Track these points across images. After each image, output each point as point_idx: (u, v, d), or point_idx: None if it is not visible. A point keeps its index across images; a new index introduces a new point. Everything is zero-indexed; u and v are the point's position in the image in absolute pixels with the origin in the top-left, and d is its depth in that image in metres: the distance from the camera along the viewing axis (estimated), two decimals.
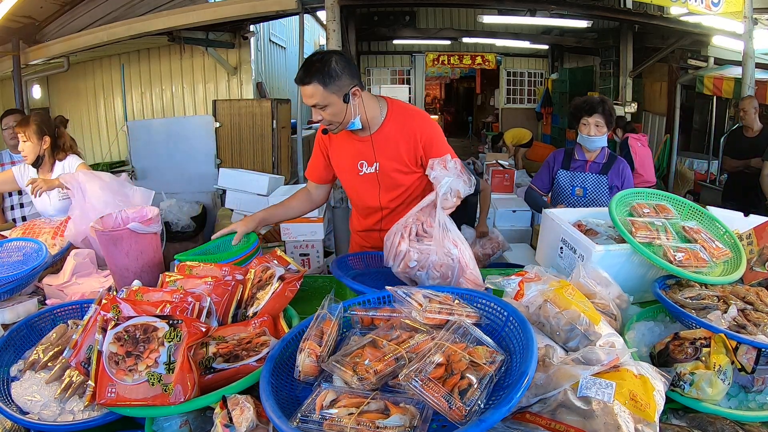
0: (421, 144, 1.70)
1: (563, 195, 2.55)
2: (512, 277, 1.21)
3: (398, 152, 1.71)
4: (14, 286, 1.50)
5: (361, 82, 1.66)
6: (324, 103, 1.57)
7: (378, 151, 1.73)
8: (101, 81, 6.98)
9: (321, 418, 0.79)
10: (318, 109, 1.59)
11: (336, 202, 4.25)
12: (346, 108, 1.60)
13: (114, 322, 0.99)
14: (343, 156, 1.81)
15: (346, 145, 1.78)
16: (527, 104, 10.87)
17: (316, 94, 1.55)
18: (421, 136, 1.69)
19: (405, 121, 1.72)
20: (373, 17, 8.39)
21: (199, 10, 5.12)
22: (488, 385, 0.83)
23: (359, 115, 1.65)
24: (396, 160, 1.73)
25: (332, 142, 1.82)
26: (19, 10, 4.51)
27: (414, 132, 1.70)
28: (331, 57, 1.55)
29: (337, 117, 1.61)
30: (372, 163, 1.75)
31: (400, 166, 1.73)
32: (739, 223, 1.62)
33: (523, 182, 5.84)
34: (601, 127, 2.42)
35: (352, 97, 1.59)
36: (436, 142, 1.71)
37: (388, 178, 1.76)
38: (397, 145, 1.71)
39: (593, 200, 2.48)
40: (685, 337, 1.06)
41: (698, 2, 4.63)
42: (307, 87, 1.55)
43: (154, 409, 0.92)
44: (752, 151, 3.87)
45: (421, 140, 1.70)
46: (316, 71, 1.53)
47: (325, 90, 1.54)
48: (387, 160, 1.73)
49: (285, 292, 1.25)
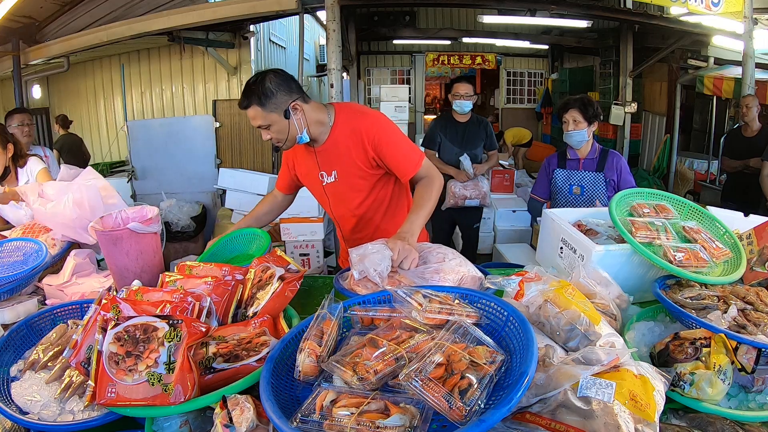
0: (370, 146, 1.68)
1: (561, 194, 2.56)
2: (512, 277, 1.21)
3: (351, 157, 1.70)
4: (14, 286, 1.50)
5: (304, 95, 1.65)
6: (266, 123, 1.59)
7: (332, 160, 1.73)
8: (101, 81, 6.98)
9: (321, 418, 0.79)
10: (263, 129, 1.62)
11: None
12: (288, 124, 1.60)
13: (114, 322, 0.99)
14: (305, 169, 1.83)
15: (306, 158, 1.80)
16: (527, 104, 10.86)
17: (257, 116, 1.58)
18: (368, 138, 1.67)
19: (351, 125, 1.70)
20: (373, 17, 8.39)
21: (199, 10, 5.12)
22: (488, 385, 0.83)
23: (305, 128, 1.65)
24: (351, 166, 1.72)
25: (296, 157, 1.84)
26: (19, 10, 4.51)
27: (360, 134, 1.68)
28: (266, 77, 1.57)
29: (282, 134, 1.62)
30: (330, 172, 1.76)
31: (356, 170, 1.72)
32: (739, 223, 1.62)
33: (523, 182, 5.84)
34: (579, 122, 2.48)
35: (293, 112, 1.60)
36: (385, 141, 1.68)
37: (349, 184, 1.76)
38: (348, 150, 1.70)
39: (591, 197, 2.50)
40: (685, 337, 1.06)
41: (698, 2, 4.63)
42: (249, 110, 1.58)
43: (154, 409, 0.92)
44: (751, 150, 3.87)
45: (369, 142, 1.67)
46: (252, 93, 1.56)
47: (264, 110, 1.57)
48: (343, 166, 1.73)
49: (285, 292, 1.25)
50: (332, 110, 1.72)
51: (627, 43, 7.02)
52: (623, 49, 7.09)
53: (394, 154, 1.69)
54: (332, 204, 1.86)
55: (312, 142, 1.72)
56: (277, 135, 1.63)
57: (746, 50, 4.78)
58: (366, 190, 1.77)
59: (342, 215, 1.87)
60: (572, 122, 2.48)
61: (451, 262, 1.36)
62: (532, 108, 10.70)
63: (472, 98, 3.36)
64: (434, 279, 1.30)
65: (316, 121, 1.68)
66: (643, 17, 5.86)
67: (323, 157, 1.75)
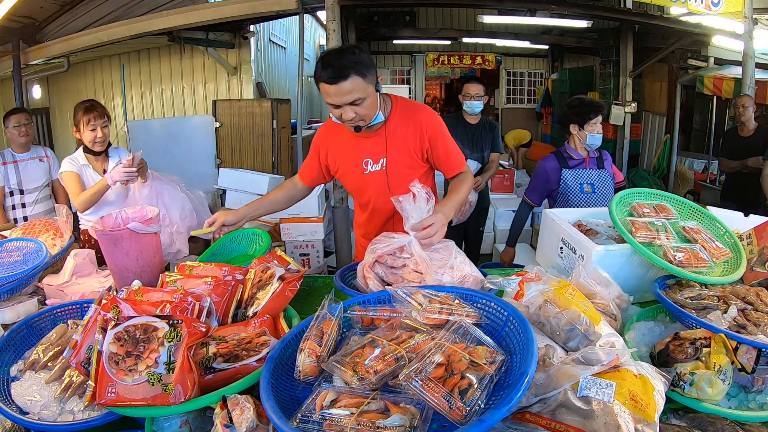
0: (427, 136, 1.68)
1: (572, 194, 2.55)
2: (512, 277, 1.21)
3: (406, 145, 1.69)
4: (14, 286, 1.50)
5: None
6: (364, 96, 1.49)
7: (384, 147, 1.69)
8: (101, 81, 6.98)
9: (321, 418, 0.79)
10: (354, 105, 1.49)
11: (336, 202, 4.25)
12: (377, 99, 1.56)
13: (114, 322, 0.99)
14: (344, 156, 1.77)
15: (348, 145, 1.75)
16: (527, 104, 10.86)
17: (356, 88, 1.46)
18: (427, 128, 1.68)
19: (411, 114, 1.69)
20: (373, 17, 8.39)
21: (199, 10, 5.12)
22: (488, 385, 0.83)
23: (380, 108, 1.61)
24: (404, 154, 1.70)
25: (332, 145, 1.79)
26: (19, 10, 4.51)
27: (420, 125, 1.67)
28: (356, 48, 1.48)
29: (372, 109, 1.55)
30: (378, 160, 1.71)
31: (408, 159, 1.70)
32: (739, 223, 1.62)
33: (523, 182, 5.84)
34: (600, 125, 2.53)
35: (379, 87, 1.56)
36: (441, 137, 1.70)
37: (396, 174, 1.72)
38: (405, 138, 1.68)
39: (602, 195, 2.50)
40: (685, 337, 1.06)
41: (698, 2, 4.63)
42: (345, 82, 1.44)
43: (154, 409, 0.92)
44: (747, 150, 3.87)
45: (427, 132, 1.68)
46: (350, 64, 1.43)
47: (364, 81, 1.47)
48: (395, 154, 1.70)
49: (285, 292, 1.25)
50: (387, 98, 1.71)
51: (627, 43, 7.02)
52: (623, 49, 7.09)
53: (446, 149, 1.72)
54: (370, 194, 1.80)
55: (365, 126, 1.65)
56: (367, 110, 1.53)
57: (746, 50, 4.78)
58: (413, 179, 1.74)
59: (377, 208, 1.81)
60: (600, 125, 2.52)
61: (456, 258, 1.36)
62: (532, 108, 10.70)
63: (483, 99, 3.30)
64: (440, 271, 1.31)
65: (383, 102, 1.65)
66: (643, 17, 5.86)
67: (373, 144, 1.70)
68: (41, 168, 3.33)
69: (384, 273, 1.36)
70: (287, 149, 6.38)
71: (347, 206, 4.18)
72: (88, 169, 2.45)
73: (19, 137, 3.20)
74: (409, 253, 1.34)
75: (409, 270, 1.33)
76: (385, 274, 1.36)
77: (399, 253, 1.36)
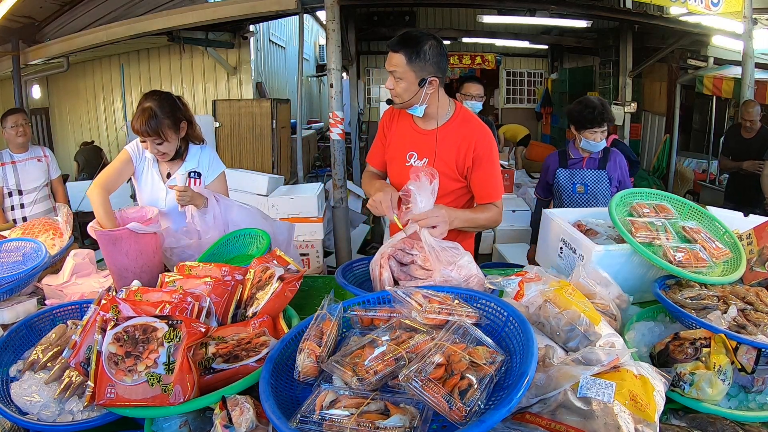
0: (473, 154, 1.67)
1: (565, 193, 2.56)
2: (512, 277, 1.21)
3: (451, 154, 1.69)
4: (14, 286, 1.50)
5: (445, 76, 1.66)
6: (401, 76, 1.59)
7: (432, 148, 1.71)
8: (101, 81, 6.98)
9: (321, 418, 0.78)
10: (394, 77, 1.61)
11: (336, 202, 4.25)
12: (417, 91, 1.60)
13: (113, 323, 0.99)
14: (397, 142, 1.81)
15: (404, 133, 1.78)
16: (527, 104, 10.86)
17: (399, 64, 1.58)
18: (476, 146, 1.67)
19: (467, 127, 1.70)
20: (373, 17, 8.39)
21: (198, 10, 5.12)
22: (488, 386, 0.82)
23: (426, 105, 1.65)
24: (447, 162, 1.70)
25: (393, 127, 1.82)
26: (19, 10, 4.51)
27: (472, 140, 1.68)
28: (429, 39, 1.58)
29: (405, 94, 1.62)
30: (422, 157, 1.74)
31: (448, 169, 1.70)
32: (739, 223, 1.62)
33: (523, 182, 5.85)
34: (604, 132, 2.49)
35: (428, 85, 1.60)
36: (488, 160, 1.69)
37: None
38: (452, 147, 1.69)
39: (595, 196, 2.50)
40: (685, 337, 1.06)
41: (698, 2, 4.63)
42: (394, 54, 1.59)
43: (154, 409, 0.92)
44: (749, 152, 3.91)
45: (476, 150, 1.67)
46: (409, 44, 1.56)
47: (408, 65, 1.57)
48: (440, 158, 1.70)
49: (285, 292, 1.25)
50: (454, 105, 1.74)
51: (627, 43, 7.02)
52: (623, 49, 7.09)
53: (487, 174, 1.71)
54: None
55: (422, 122, 1.73)
56: (401, 91, 1.62)
57: (746, 50, 4.78)
58: (443, 192, 1.69)
59: None
60: (600, 134, 2.47)
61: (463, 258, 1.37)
62: (532, 108, 10.70)
63: (482, 99, 3.27)
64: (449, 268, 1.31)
65: (441, 106, 1.69)
66: (643, 17, 5.87)
67: (425, 141, 1.73)
68: (40, 168, 3.32)
69: (395, 268, 1.37)
70: (287, 149, 6.38)
71: (347, 206, 4.18)
72: (153, 166, 1.95)
73: (16, 137, 3.19)
74: (419, 247, 1.36)
75: (416, 267, 1.34)
76: (396, 269, 1.37)
77: (408, 248, 1.38)
